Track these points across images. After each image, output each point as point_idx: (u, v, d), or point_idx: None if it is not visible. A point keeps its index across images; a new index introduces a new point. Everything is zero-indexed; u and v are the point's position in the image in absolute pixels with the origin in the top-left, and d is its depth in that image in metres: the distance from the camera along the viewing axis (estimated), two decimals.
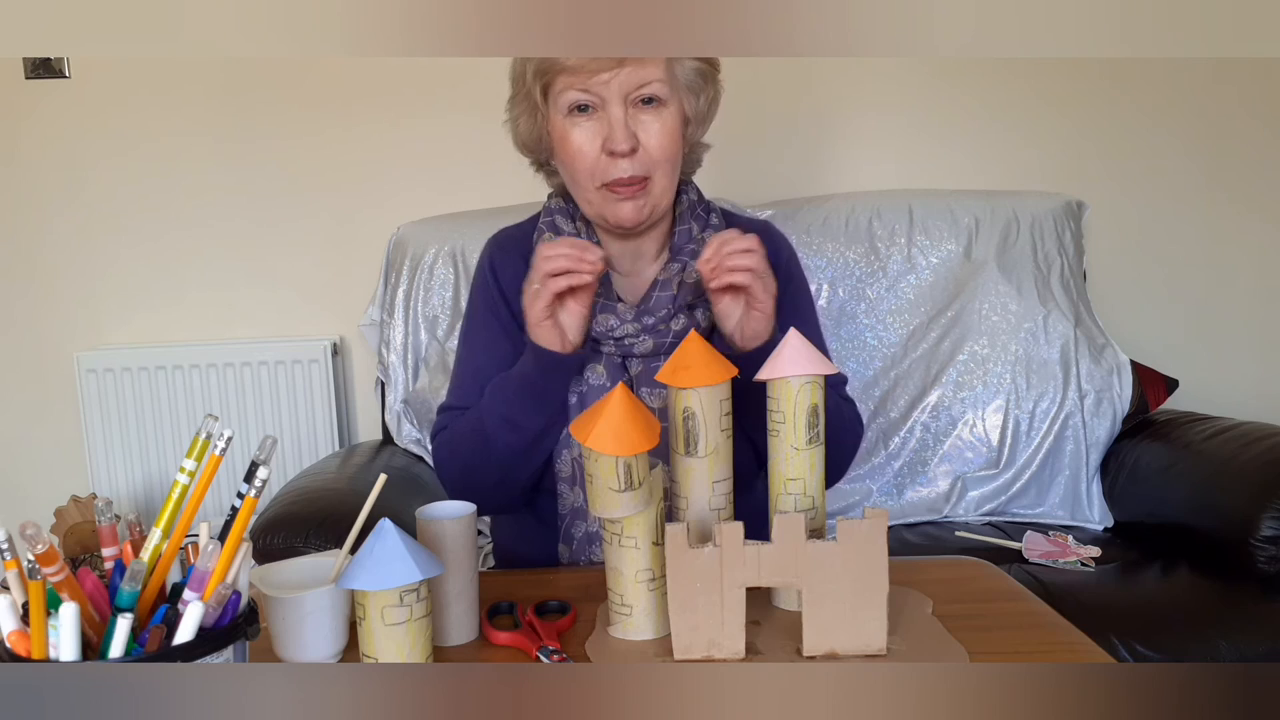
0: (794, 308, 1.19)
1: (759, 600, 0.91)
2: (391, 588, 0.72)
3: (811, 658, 0.81)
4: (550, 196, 1.22)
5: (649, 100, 1.07)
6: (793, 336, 0.87)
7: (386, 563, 0.73)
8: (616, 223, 1.11)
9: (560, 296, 1.02)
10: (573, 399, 1.10)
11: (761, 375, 0.87)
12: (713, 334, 1.13)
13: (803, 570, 0.80)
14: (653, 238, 1.18)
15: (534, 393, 1.08)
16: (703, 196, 1.22)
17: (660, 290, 1.13)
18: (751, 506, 1.00)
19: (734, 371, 0.88)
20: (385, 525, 0.74)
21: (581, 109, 1.08)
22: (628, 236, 1.16)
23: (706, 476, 0.87)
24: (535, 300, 1.01)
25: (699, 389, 0.85)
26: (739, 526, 0.79)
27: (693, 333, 0.89)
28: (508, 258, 1.19)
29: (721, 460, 0.88)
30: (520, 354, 1.14)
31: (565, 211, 1.18)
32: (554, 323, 1.03)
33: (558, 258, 0.99)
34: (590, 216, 1.15)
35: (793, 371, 0.85)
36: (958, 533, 1.81)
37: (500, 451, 1.09)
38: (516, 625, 0.89)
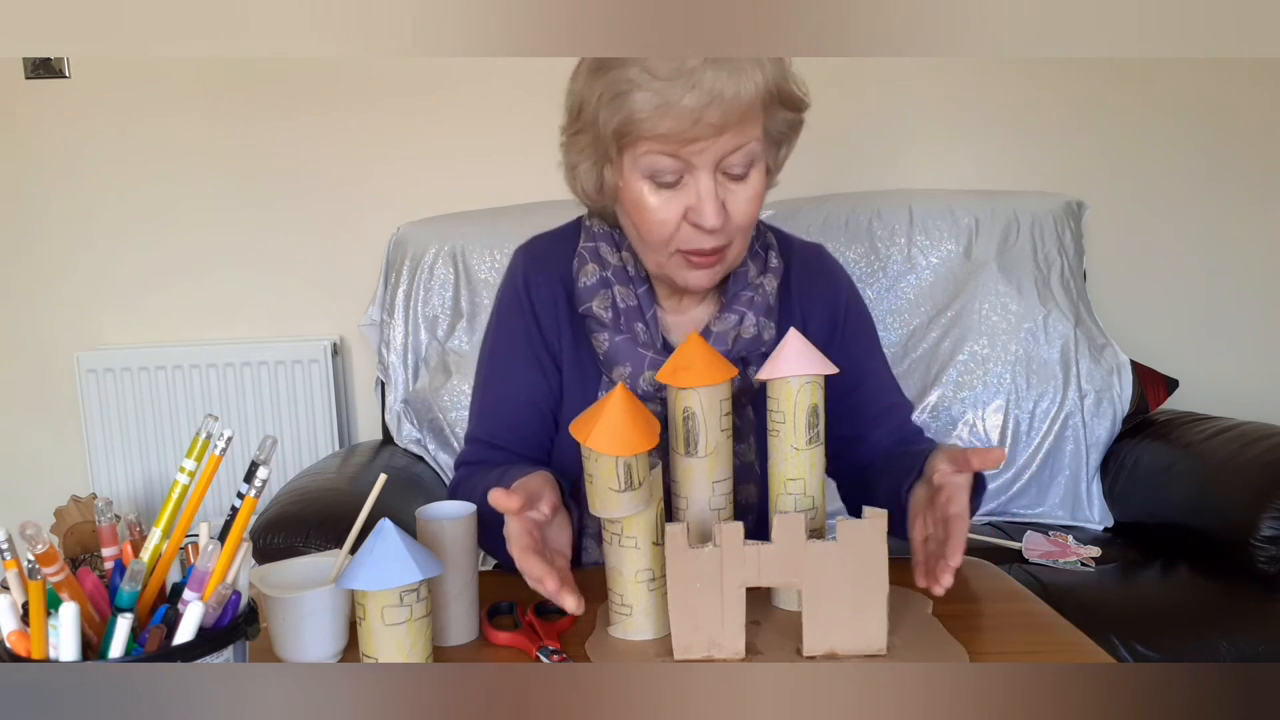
0: (857, 344, 1.12)
1: (759, 600, 0.91)
2: (391, 588, 0.73)
3: (812, 658, 0.81)
4: (589, 216, 1.10)
5: (739, 175, 0.95)
6: (792, 336, 0.87)
7: (386, 563, 0.73)
8: (685, 287, 1.02)
9: None
10: None
11: (761, 375, 0.87)
12: (762, 392, 1.03)
13: (803, 570, 0.80)
14: None
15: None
16: (760, 231, 1.10)
17: (715, 343, 1.03)
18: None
19: (734, 371, 0.88)
20: (385, 525, 0.74)
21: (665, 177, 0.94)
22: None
23: (706, 476, 0.87)
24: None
25: (699, 389, 0.85)
26: (739, 526, 0.79)
27: (693, 333, 0.89)
28: (544, 277, 1.08)
29: (721, 460, 0.88)
30: (549, 383, 1.06)
31: (610, 239, 1.06)
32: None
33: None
34: (653, 273, 1.05)
35: (792, 371, 0.85)
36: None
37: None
38: (516, 625, 0.89)
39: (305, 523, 1.49)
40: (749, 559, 0.79)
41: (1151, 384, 1.96)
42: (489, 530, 0.89)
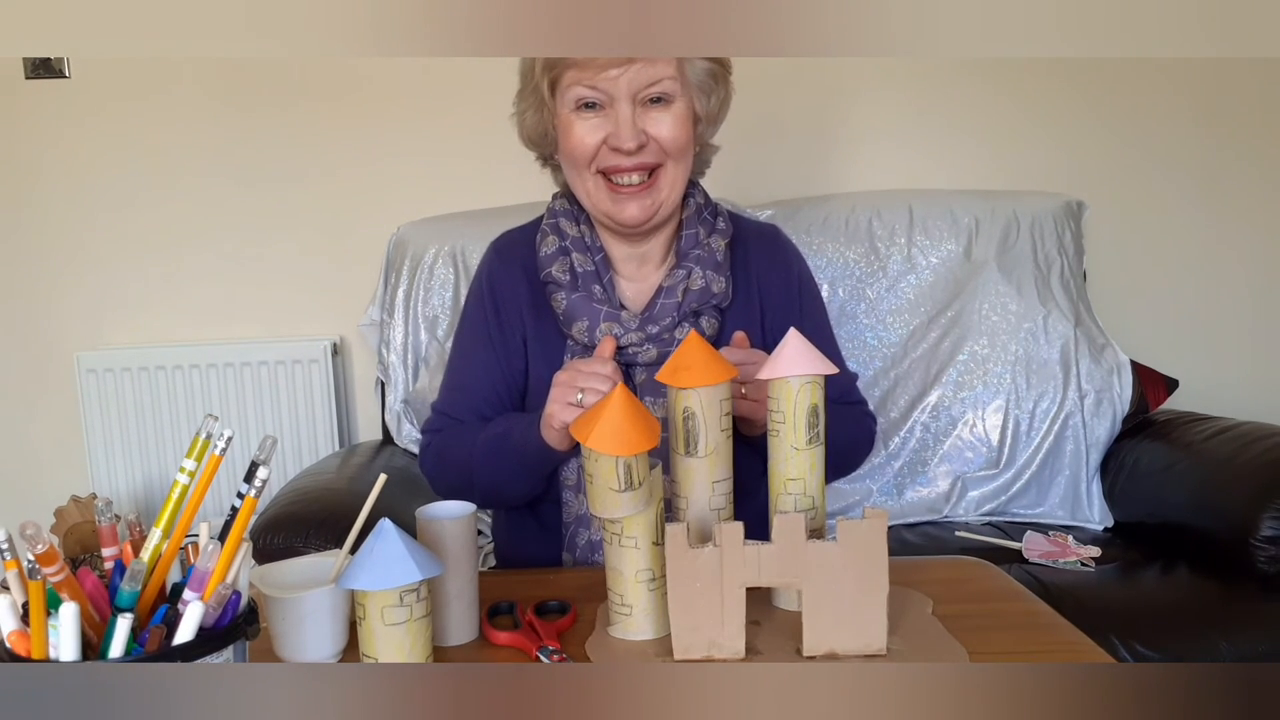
0: (809, 316, 1.19)
1: (759, 600, 0.91)
2: (391, 588, 0.72)
3: (812, 657, 0.81)
4: (555, 197, 1.20)
5: (658, 99, 1.05)
6: (793, 337, 0.87)
7: (386, 563, 0.73)
8: (622, 222, 1.09)
9: None
10: None
11: (762, 375, 0.87)
12: (717, 341, 1.13)
13: (803, 570, 0.80)
14: (659, 241, 1.16)
15: (529, 467, 1.08)
16: (710, 200, 1.20)
17: (665, 298, 1.11)
18: (754, 513, 1.00)
19: (734, 372, 0.88)
20: (385, 525, 0.74)
21: (589, 105, 1.06)
22: (632, 239, 1.15)
23: (706, 476, 0.87)
24: (565, 412, 0.98)
25: (699, 389, 0.85)
26: (739, 526, 0.79)
27: (692, 333, 0.89)
28: (507, 268, 1.17)
29: (721, 460, 0.88)
30: (504, 369, 1.15)
31: (569, 214, 1.16)
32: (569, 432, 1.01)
33: (597, 392, 0.96)
34: (592, 213, 1.13)
35: (793, 371, 0.85)
36: (958, 533, 1.81)
37: (488, 496, 1.11)
38: (516, 625, 0.89)
39: (305, 523, 1.49)
40: (749, 559, 0.79)
41: (1151, 384, 1.96)
42: (513, 457, 1.06)
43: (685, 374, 0.86)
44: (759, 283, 1.18)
